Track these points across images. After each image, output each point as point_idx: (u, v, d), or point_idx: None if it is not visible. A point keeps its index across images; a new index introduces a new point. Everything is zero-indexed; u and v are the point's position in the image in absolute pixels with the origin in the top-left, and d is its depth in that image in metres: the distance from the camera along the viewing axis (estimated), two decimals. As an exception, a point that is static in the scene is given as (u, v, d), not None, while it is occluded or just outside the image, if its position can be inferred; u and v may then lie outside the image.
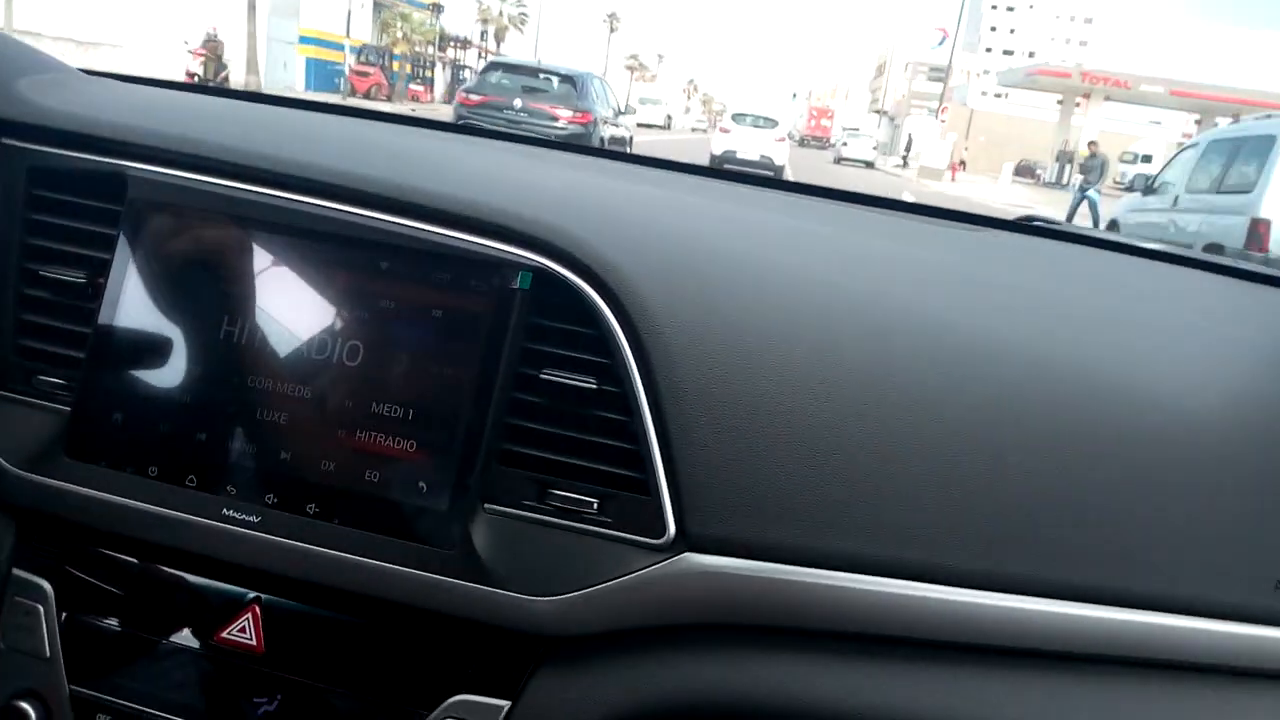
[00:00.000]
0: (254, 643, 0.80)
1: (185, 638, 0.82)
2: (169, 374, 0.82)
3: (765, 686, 0.75)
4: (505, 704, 0.76)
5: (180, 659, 0.82)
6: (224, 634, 0.80)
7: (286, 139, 0.87)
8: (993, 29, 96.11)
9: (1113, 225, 11.00)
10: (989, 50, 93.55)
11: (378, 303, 0.79)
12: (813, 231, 0.97)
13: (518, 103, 11.64)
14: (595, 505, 0.78)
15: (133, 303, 0.83)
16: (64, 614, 0.83)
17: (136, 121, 0.87)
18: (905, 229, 1.09)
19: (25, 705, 0.81)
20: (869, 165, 39.26)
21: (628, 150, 12.53)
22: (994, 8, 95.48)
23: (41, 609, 0.83)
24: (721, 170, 1.19)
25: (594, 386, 0.77)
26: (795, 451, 0.74)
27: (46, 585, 0.84)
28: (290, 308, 0.81)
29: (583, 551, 0.77)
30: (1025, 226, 1.16)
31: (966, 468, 0.75)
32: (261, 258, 0.82)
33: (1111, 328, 0.88)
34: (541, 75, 12.36)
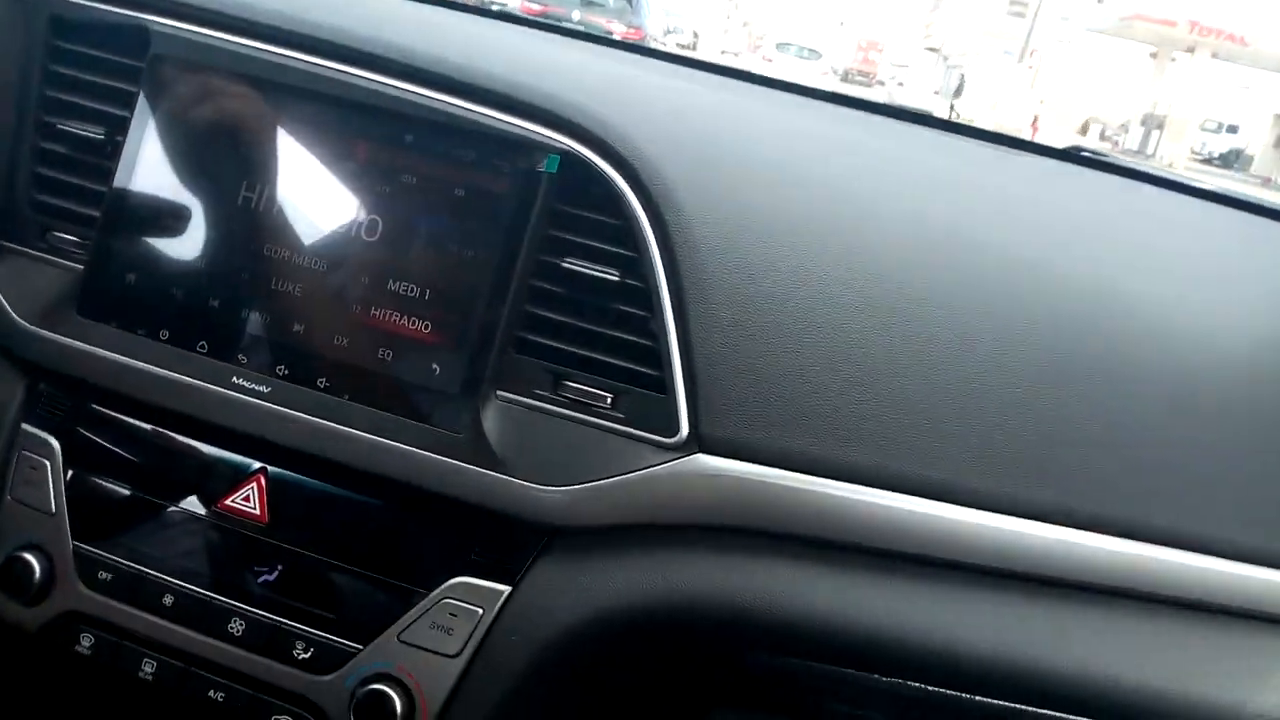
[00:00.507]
0: (258, 512, 0.80)
1: (189, 503, 0.81)
2: (185, 238, 0.80)
3: (764, 595, 0.74)
4: (505, 589, 0.76)
5: (183, 524, 0.81)
6: (228, 502, 0.80)
7: (317, 3, 0.83)
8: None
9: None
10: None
11: (399, 177, 0.77)
12: (855, 142, 0.94)
13: (576, 14, 11.28)
14: (609, 400, 0.76)
15: (150, 163, 0.81)
16: (70, 472, 0.83)
17: None
18: (949, 148, 1.06)
19: (30, 558, 0.81)
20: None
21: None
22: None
23: (48, 465, 0.83)
24: (766, 77, 1.15)
25: (616, 278, 0.75)
26: (818, 359, 0.73)
27: (54, 442, 0.84)
28: (311, 178, 0.79)
29: (593, 445, 0.76)
30: (1072, 155, 1.12)
31: (997, 390, 0.73)
32: (284, 124, 0.80)
33: (1152, 262, 0.86)
34: None
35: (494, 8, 1.16)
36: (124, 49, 0.84)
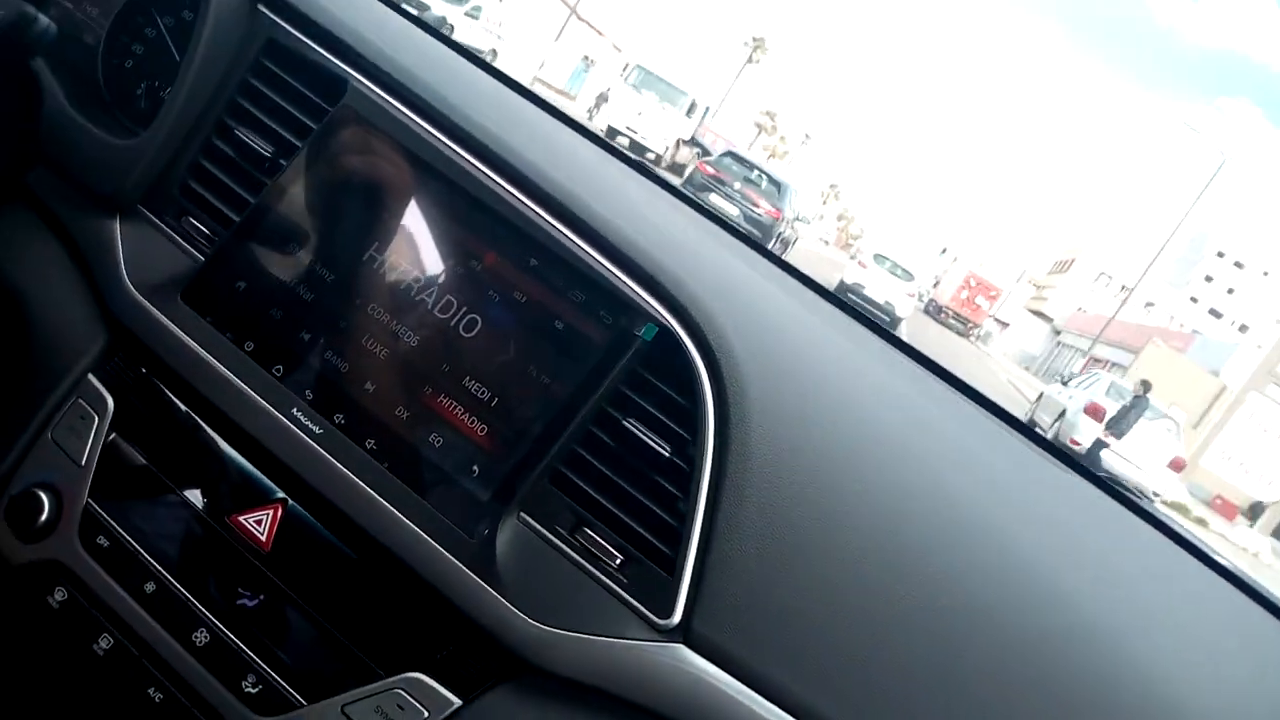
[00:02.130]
0: (264, 538, 0.82)
1: (204, 506, 0.85)
2: (302, 268, 0.86)
3: None
4: (456, 702, 0.77)
5: (191, 523, 0.84)
6: (240, 518, 0.83)
7: (496, 116, 0.91)
8: (1208, 279, 73.58)
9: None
10: (1194, 300, 72.23)
11: (511, 292, 0.82)
12: (930, 421, 0.97)
13: (737, 185, 15.79)
14: (618, 562, 0.79)
15: (300, 193, 0.88)
16: (112, 434, 0.87)
17: (378, 42, 0.92)
18: (1023, 460, 1.09)
19: (43, 496, 0.84)
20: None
21: (790, 247, 18.10)
22: (1220, 255, 73.49)
23: (96, 419, 0.87)
24: (855, 309, 1.20)
25: (665, 453, 0.79)
26: (827, 607, 0.75)
27: (110, 401, 0.88)
28: (433, 260, 0.84)
29: (589, 599, 0.78)
30: (1113, 490, 1.15)
31: (981, 693, 0.74)
32: (428, 206, 0.86)
33: (1166, 629, 0.87)
34: (757, 172, 16.68)
35: (653, 160, 1.22)
36: (319, 89, 0.91)
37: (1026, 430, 1.14)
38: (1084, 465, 1.16)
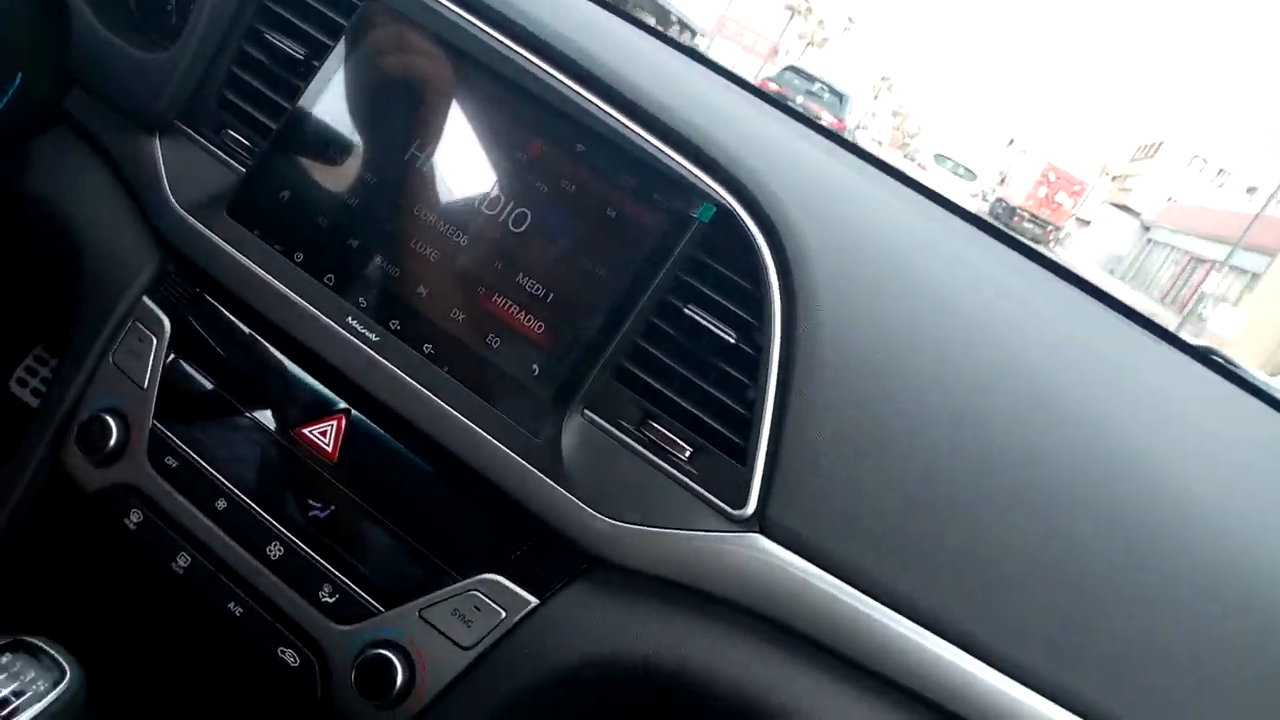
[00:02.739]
0: (330, 449, 0.82)
1: (269, 420, 0.84)
2: (345, 173, 0.83)
3: (784, 701, 0.73)
4: (534, 601, 0.76)
5: (257, 437, 0.84)
6: (305, 430, 0.82)
7: (539, 2, 0.86)
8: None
9: None
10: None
11: (560, 181, 0.78)
12: (1009, 286, 0.92)
13: (799, 99, 16.11)
14: (688, 453, 0.76)
15: (335, 94, 0.85)
16: (171, 355, 0.86)
17: None
18: (1089, 313, 1.03)
19: (111, 421, 0.85)
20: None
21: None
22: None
23: (154, 341, 0.87)
24: (915, 181, 1.14)
25: (732, 340, 0.76)
26: (906, 484, 0.72)
27: (167, 322, 0.87)
28: (476, 155, 0.81)
29: (659, 492, 0.76)
30: (1206, 358, 1.09)
31: (1076, 576, 0.70)
32: (468, 98, 0.82)
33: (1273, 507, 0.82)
34: (819, 84, 17.28)
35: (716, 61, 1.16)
36: None
37: (1117, 304, 1.08)
38: (1182, 341, 1.10)
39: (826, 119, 15.82)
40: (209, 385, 0.86)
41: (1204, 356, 1.09)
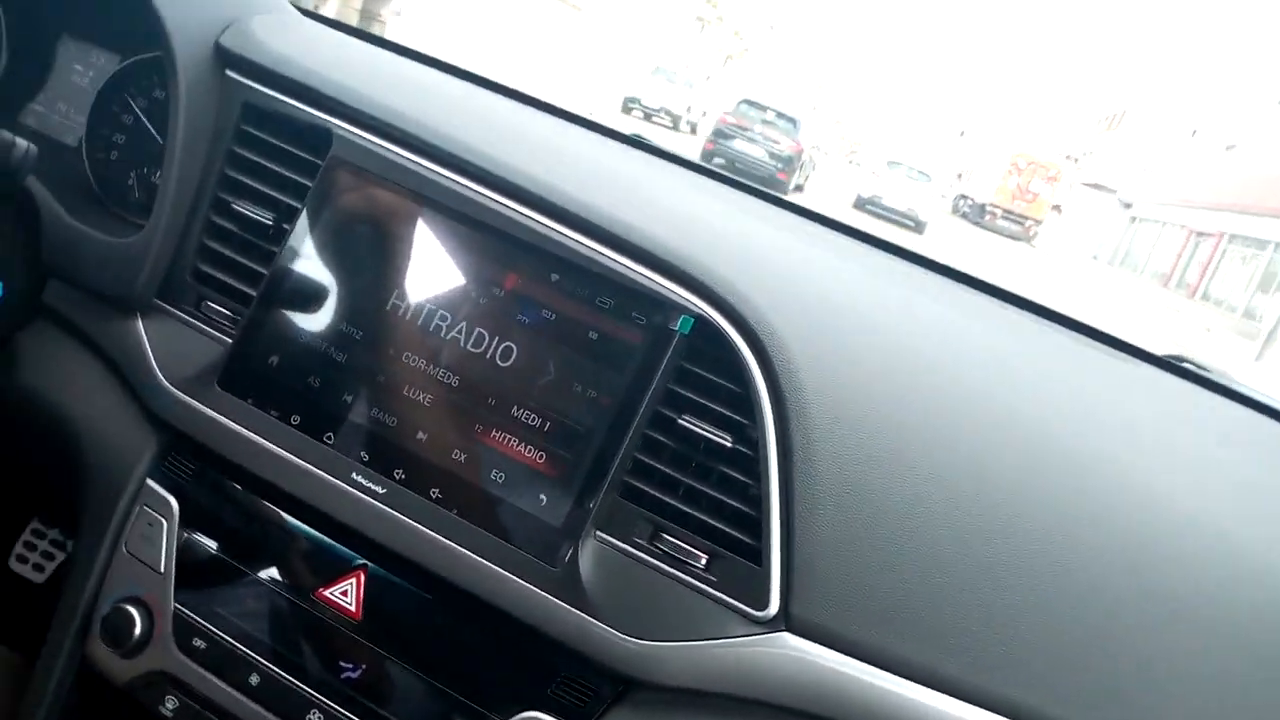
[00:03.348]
0: (353, 608, 0.82)
1: (288, 586, 0.85)
2: (330, 331, 0.85)
3: None
4: None
5: (280, 605, 0.84)
6: (326, 592, 0.83)
7: (490, 134, 0.88)
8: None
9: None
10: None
11: (540, 311, 0.80)
12: (976, 337, 0.94)
13: (757, 127, 16.98)
14: (704, 561, 0.77)
15: (310, 254, 0.86)
16: (184, 534, 0.87)
17: (354, 84, 0.89)
18: (1057, 347, 1.05)
19: (133, 611, 0.85)
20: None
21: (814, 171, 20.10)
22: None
23: (165, 524, 0.87)
24: (878, 239, 1.16)
25: (728, 444, 0.77)
26: (917, 560, 0.73)
27: (174, 502, 0.88)
28: (456, 296, 0.82)
29: (682, 604, 0.77)
30: (1178, 369, 1.10)
31: (1087, 623, 0.71)
32: (439, 242, 0.84)
33: (1267, 514, 0.83)
34: (772, 113, 17.65)
35: (647, 142, 1.18)
36: (306, 145, 0.90)
37: (1097, 334, 1.09)
38: (1155, 356, 1.11)
39: (785, 143, 16.87)
40: (226, 559, 0.86)
41: (1176, 368, 1.11)
